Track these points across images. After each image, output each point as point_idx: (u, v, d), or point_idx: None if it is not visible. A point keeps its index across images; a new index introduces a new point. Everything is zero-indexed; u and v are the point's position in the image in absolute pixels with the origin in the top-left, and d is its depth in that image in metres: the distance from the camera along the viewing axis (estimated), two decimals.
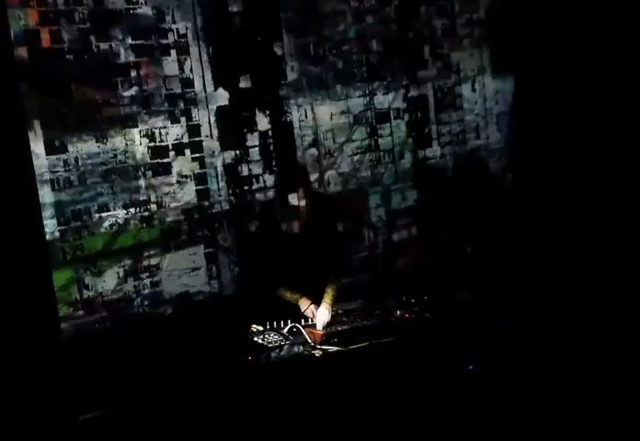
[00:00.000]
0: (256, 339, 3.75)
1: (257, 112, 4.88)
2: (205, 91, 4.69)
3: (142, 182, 4.52)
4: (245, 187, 4.85)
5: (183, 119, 4.64)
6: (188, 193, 4.66)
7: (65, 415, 3.37)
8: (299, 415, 3.36)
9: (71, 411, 3.37)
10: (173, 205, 4.61)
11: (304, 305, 4.00)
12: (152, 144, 4.55)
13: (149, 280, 4.59)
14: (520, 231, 5.58)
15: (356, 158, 5.22)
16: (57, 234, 4.27)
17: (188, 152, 4.66)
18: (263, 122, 4.90)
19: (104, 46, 4.35)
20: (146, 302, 4.58)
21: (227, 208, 4.79)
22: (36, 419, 3.44)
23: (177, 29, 4.58)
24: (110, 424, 3.32)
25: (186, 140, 4.66)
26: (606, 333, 3.96)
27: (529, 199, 5.59)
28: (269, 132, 4.92)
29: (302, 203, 4.05)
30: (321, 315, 3.89)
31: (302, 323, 3.86)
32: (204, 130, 4.71)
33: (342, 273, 4.36)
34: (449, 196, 5.56)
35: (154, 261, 4.59)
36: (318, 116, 5.10)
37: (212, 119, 4.73)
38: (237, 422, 3.36)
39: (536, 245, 5.34)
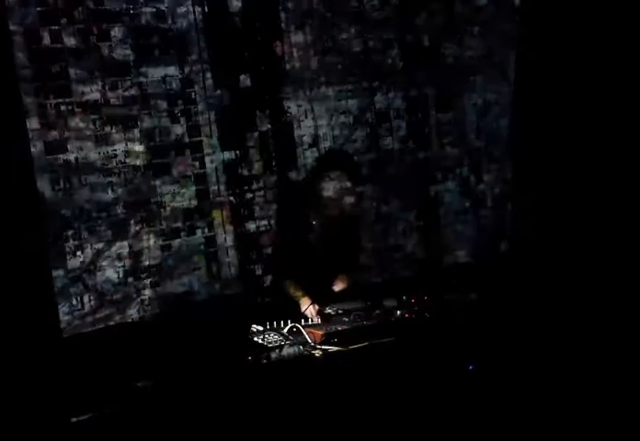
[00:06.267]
0: (256, 339, 3.75)
1: (257, 112, 4.88)
2: (205, 91, 4.69)
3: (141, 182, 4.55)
4: (246, 187, 4.86)
5: (183, 119, 4.65)
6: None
7: (61, 415, 3.37)
8: (299, 415, 3.36)
9: (67, 411, 3.37)
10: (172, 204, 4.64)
11: (305, 305, 4.00)
12: (152, 144, 4.55)
13: (149, 280, 4.59)
14: (520, 229, 5.59)
15: (356, 158, 5.22)
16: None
17: (187, 151, 4.68)
18: (263, 122, 4.90)
19: (105, 45, 4.36)
20: (146, 302, 4.58)
21: (228, 206, 4.81)
22: (32, 418, 3.45)
23: (177, 29, 4.58)
24: (109, 425, 3.31)
25: (186, 139, 4.67)
26: (607, 334, 3.96)
27: (530, 199, 5.59)
28: (269, 132, 4.93)
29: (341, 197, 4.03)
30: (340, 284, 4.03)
31: (302, 323, 3.86)
32: (204, 130, 4.72)
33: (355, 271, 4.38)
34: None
35: (153, 261, 4.60)
36: (318, 115, 5.09)
37: (212, 119, 4.73)
38: (237, 422, 3.36)
39: (536, 244, 5.34)
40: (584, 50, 5.17)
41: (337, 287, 4.14)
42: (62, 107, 4.25)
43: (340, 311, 4.00)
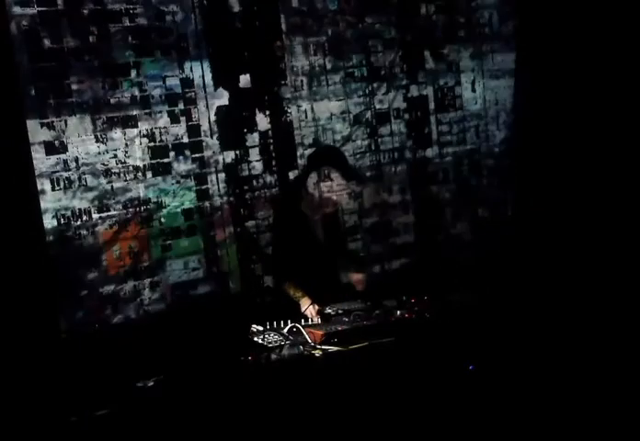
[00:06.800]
0: (256, 339, 3.75)
1: (257, 112, 4.88)
2: (205, 91, 4.69)
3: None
4: (246, 187, 4.86)
5: (183, 119, 4.65)
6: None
7: (61, 415, 3.37)
8: (299, 415, 3.36)
9: (67, 411, 3.37)
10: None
11: (305, 305, 4.00)
12: (152, 144, 4.55)
13: (149, 280, 4.59)
14: (522, 230, 5.59)
15: (356, 158, 5.22)
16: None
17: (187, 152, 4.68)
18: (263, 122, 4.91)
19: (105, 46, 4.36)
20: (146, 302, 4.58)
21: (228, 206, 4.81)
22: (32, 418, 3.45)
23: (177, 29, 4.58)
24: (109, 425, 3.31)
25: (186, 140, 4.66)
26: (608, 334, 3.96)
27: (530, 199, 5.59)
28: (269, 132, 4.93)
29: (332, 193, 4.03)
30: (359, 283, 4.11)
31: (302, 323, 3.85)
32: (204, 130, 4.72)
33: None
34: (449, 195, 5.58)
35: (153, 261, 4.60)
36: (318, 115, 5.10)
37: (212, 119, 4.73)
38: (237, 422, 3.36)
39: (537, 244, 5.34)
40: (583, 50, 5.18)
41: (359, 286, 4.15)
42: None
43: (340, 311, 4.00)
